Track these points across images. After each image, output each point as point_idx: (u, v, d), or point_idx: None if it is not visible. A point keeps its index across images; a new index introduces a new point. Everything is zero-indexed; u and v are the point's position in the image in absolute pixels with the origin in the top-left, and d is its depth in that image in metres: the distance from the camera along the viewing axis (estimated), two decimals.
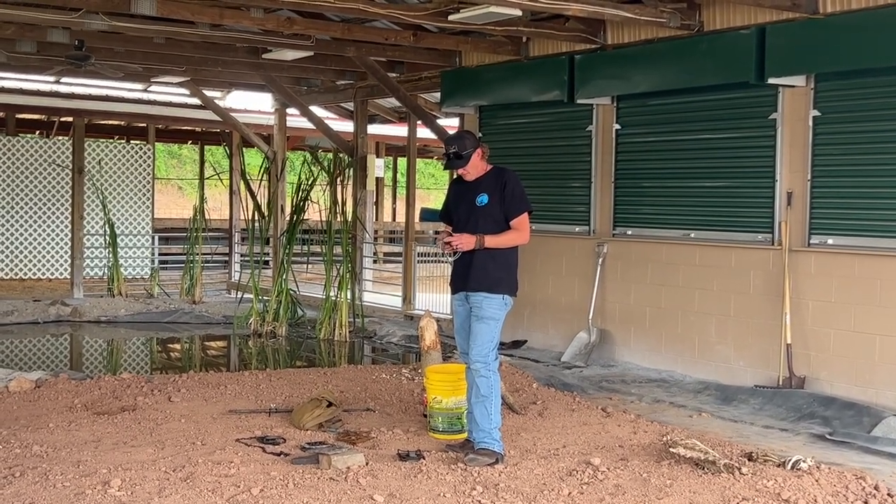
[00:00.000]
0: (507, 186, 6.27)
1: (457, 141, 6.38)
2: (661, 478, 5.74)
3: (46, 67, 12.95)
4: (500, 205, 6.25)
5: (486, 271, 6.20)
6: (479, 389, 6.15)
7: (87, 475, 5.54)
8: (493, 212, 6.25)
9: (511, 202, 6.26)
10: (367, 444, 6.45)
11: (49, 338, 13.03)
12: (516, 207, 6.27)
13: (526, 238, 6.32)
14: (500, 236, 6.22)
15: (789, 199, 8.57)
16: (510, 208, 6.26)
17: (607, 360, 10.07)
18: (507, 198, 6.25)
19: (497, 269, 6.23)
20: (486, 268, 6.20)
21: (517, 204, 6.28)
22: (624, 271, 10.09)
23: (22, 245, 16.68)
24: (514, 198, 6.27)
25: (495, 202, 6.25)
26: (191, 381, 8.51)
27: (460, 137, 6.45)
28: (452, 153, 6.31)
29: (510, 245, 6.29)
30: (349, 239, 13.04)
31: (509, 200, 6.25)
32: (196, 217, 15.90)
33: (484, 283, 6.21)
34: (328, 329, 12.49)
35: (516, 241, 6.30)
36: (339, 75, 14.24)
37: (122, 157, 17.66)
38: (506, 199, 6.25)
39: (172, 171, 37.44)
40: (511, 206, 6.26)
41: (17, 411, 7.26)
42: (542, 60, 10.83)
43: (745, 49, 8.55)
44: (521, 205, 6.29)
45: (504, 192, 6.25)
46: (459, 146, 6.30)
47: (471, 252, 6.20)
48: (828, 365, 8.24)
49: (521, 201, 6.29)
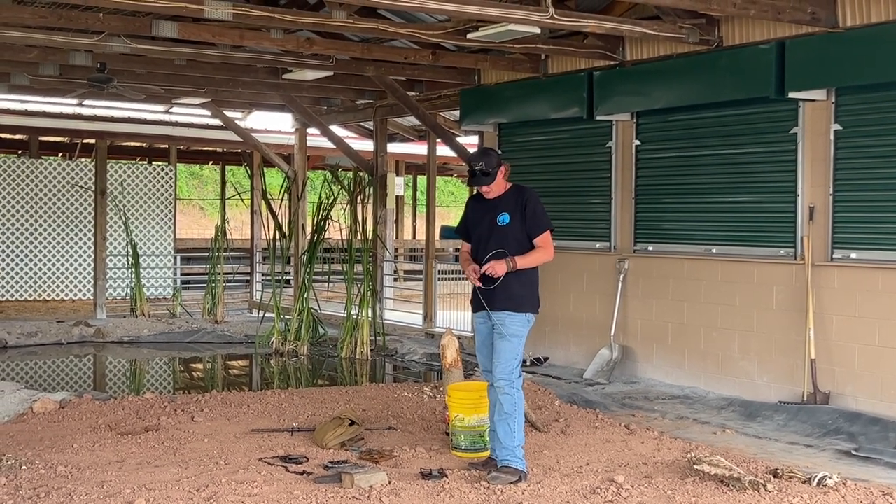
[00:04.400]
0: (528, 205, 6.26)
1: (483, 158, 6.35)
2: (685, 495, 5.71)
3: (69, 90, 13.08)
4: (521, 223, 6.24)
5: (510, 290, 6.19)
6: (502, 407, 6.14)
7: (112, 495, 5.56)
8: (515, 231, 6.24)
9: (533, 221, 6.25)
10: (390, 463, 6.44)
11: (73, 358, 13.10)
12: (539, 226, 6.27)
13: (551, 255, 6.32)
14: (527, 256, 6.21)
15: (811, 214, 8.53)
16: (532, 227, 6.26)
17: (630, 376, 10.02)
18: (529, 216, 6.25)
19: (521, 287, 6.22)
20: (510, 287, 6.19)
21: (539, 222, 6.27)
22: (645, 287, 10.06)
23: (45, 266, 16.80)
24: (536, 216, 6.26)
25: (517, 221, 6.25)
26: (213, 401, 8.54)
27: (486, 154, 6.42)
28: (479, 170, 6.28)
29: (537, 264, 6.29)
30: (370, 257, 13.06)
31: (531, 219, 6.25)
32: (218, 237, 15.97)
33: (508, 302, 6.20)
34: (350, 347, 12.50)
35: (542, 259, 6.30)
36: (358, 94, 14.31)
37: (144, 178, 17.78)
38: (527, 217, 6.25)
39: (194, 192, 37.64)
40: (533, 224, 6.26)
41: (41, 432, 7.30)
42: (561, 77, 10.84)
43: (765, 64, 8.53)
44: (542, 223, 6.29)
45: (525, 210, 6.25)
46: (487, 163, 6.28)
47: None
48: (853, 380, 8.18)
49: (542, 219, 6.30)
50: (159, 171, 18.20)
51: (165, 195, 18.01)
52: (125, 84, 12.24)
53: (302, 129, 16.30)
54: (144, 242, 17.37)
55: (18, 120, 16.61)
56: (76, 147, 20.04)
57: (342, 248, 13.28)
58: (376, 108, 14.52)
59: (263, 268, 17.42)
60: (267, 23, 9.15)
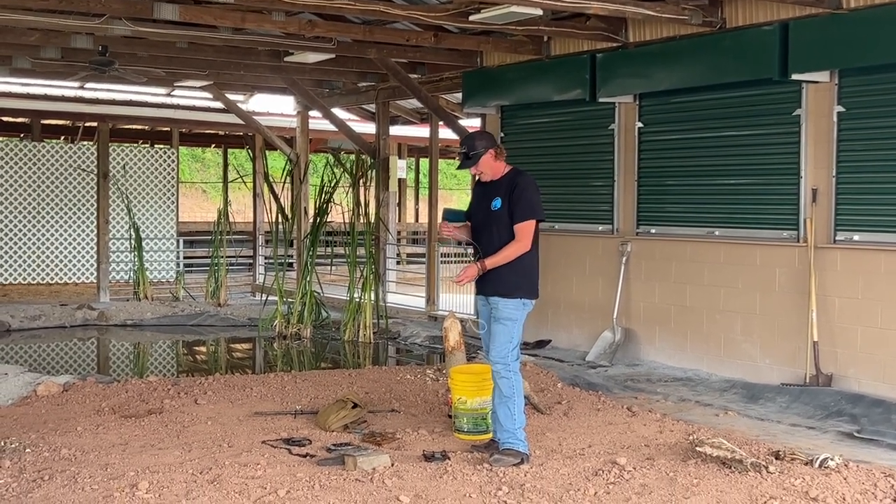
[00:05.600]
0: (515, 190, 6.15)
1: (467, 141, 6.37)
2: (687, 477, 5.72)
3: (70, 73, 13.05)
4: (508, 210, 6.16)
5: (501, 277, 6.16)
6: (501, 390, 6.15)
7: (115, 478, 5.58)
8: (504, 217, 6.17)
9: (517, 206, 6.13)
10: (393, 446, 6.46)
11: (76, 342, 13.13)
12: (520, 213, 6.13)
13: (526, 247, 6.15)
14: (498, 255, 6.11)
15: (814, 196, 8.51)
16: (516, 213, 6.14)
17: (632, 359, 10.04)
18: (514, 201, 6.14)
19: (511, 274, 6.16)
20: (499, 273, 6.16)
21: (522, 210, 6.13)
22: (648, 270, 10.06)
23: (48, 250, 16.81)
24: (521, 203, 6.13)
25: (506, 207, 6.17)
26: (217, 384, 8.56)
27: (471, 138, 6.43)
28: (462, 153, 6.31)
29: (510, 259, 6.13)
30: (372, 240, 13.06)
31: (514, 205, 6.13)
32: (220, 220, 15.97)
33: (500, 287, 6.18)
34: (352, 331, 12.52)
35: (515, 253, 6.13)
36: (360, 77, 14.27)
37: (146, 162, 17.76)
38: (512, 203, 6.15)
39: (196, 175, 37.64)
40: (517, 210, 6.14)
41: (45, 415, 7.33)
42: (564, 59, 10.81)
43: (768, 45, 8.50)
44: (526, 211, 6.14)
45: (512, 196, 6.15)
46: (469, 146, 6.28)
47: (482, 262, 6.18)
48: (855, 362, 8.19)
49: (526, 207, 6.14)
50: (161, 154, 18.18)
51: (168, 178, 17.99)
52: (127, 67, 12.22)
53: (304, 111, 16.27)
54: (147, 226, 17.37)
55: (20, 103, 16.60)
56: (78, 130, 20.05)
57: (345, 231, 13.28)
58: (378, 90, 14.48)
59: (266, 251, 17.44)
60: (268, 5, 9.13)
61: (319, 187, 13.05)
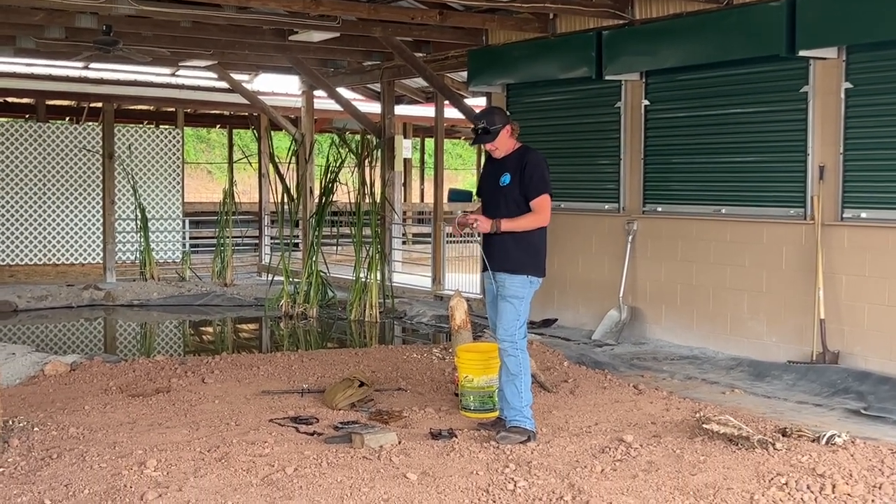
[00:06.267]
0: (527, 167, 6.14)
1: (486, 116, 6.31)
2: (694, 454, 5.73)
3: (75, 53, 13.02)
4: (520, 185, 6.16)
5: (508, 253, 6.15)
6: (508, 368, 6.15)
7: (123, 456, 5.60)
8: (514, 192, 6.16)
9: (530, 183, 6.13)
10: (400, 424, 6.47)
11: (83, 322, 13.17)
12: (535, 189, 6.14)
13: (545, 220, 6.19)
14: (516, 220, 6.12)
15: (821, 173, 8.48)
16: (529, 189, 6.13)
17: (638, 337, 10.04)
18: (526, 178, 6.13)
19: (518, 250, 6.15)
20: (506, 249, 6.14)
21: (536, 185, 6.14)
22: (654, 248, 10.04)
23: (54, 230, 16.84)
24: (533, 179, 6.13)
25: (516, 182, 6.16)
26: (224, 363, 8.58)
27: (489, 112, 6.39)
28: (481, 128, 6.23)
29: (528, 228, 6.15)
30: (378, 220, 13.05)
31: (527, 181, 6.13)
32: (226, 200, 15.97)
33: (506, 264, 6.16)
34: (358, 310, 12.53)
35: (534, 224, 6.16)
36: (365, 56, 14.23)
37: (151, 142, 17.76)
38: (524, 179, 6.13)
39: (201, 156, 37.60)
40: (530, 187, 6.13)
41: (53, 394, 7.35)
42: (570, 37, 10.76)
43: (776, 21, 8.44)
44: (539, 186, 6.14)
45: (524, 172, 6.14)
46: (488, 121, 6.22)
47: (488, 234, 6.15)
48: (862, 339, 8.17)
49: (539, 182, 6.15)
50: (166, 134, 18.17)
51: (173, 159, 17.99)
52: (131, 47, 12.18)
53: (309, 91, 16.23)
54: (153, 206, 17.38)
55: (25, 84, 16.58)
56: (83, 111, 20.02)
57: (350, 211, 13.27)
58: (383, 69, 14.44)
59: (272, 231, 17.44)
60: None
61: (325, 167, 13.03)
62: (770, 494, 4.99)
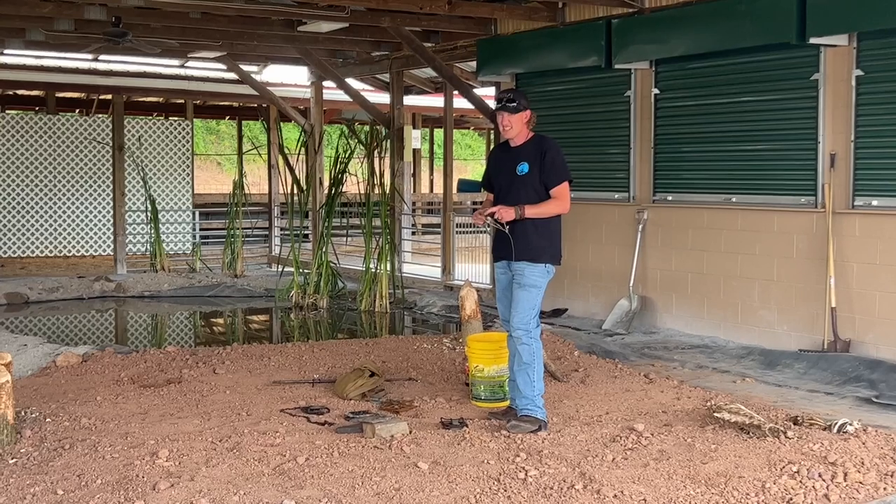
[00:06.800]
0: (546, 155, 6.19)
1: (513, 92, 6.48)
2: (705, 443, 5.72)
3: (84, 45, 13.04)
4: (539, 174, 6.19)
5: (529, 241, 6.16)
6: (521, 357, 6.15)
7: (136, 446, 5.62)
8: (533, 181, 6.19)
9: (551, 171, 6.19)
10: (411, 413, 6.48)
11: (94, 313, 13.21)
12: (556, 176, 6.20)
13: (566, 208, 6.26)
14: (540, 206, 6.16)
15: (832, 161, 8.45)
16: (550, 177, 6.19)
17: (649, 326, 10.03)
18: (547, 166, 6.18)
19: (539, 238, 6.18)
20: (528, 237, 6.16)
21: (557, 173, 6.20)
22: (665, 237, 10.02)
23: (65, 223, 16.89)
24: (555, 167, 6.19)
25: (535, 171, 6.19)
26: (235, 354, 8.60)
27: (517, 92, 6.68)
28: (507, 98, 6.28)
29: (550, 215, 6.22)
30: (388, 211, 13.05)
31: (549, 169, 6.18)
32: (236, 192, 16.00)
33: (527, 252, 6.17)
34: (369, 301, 12.54)
35: (556, 210, 6.23)
36: (374, 46, 14.21)
37: (161, 134, 17.79)
38: (545, 167, 6.18)
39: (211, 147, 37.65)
40: (551, 175, 6.19)
41: (65, 385, 7.38)
42: (579, 26, 10.73)
43: (786, 8, 8.40)
44: (561, 174, 6.21)
45: (544, 160, 6.18)
46: (515, 95, 6.33)
47: (512, 222, 6.16)
48: (873, 328, 8.15)
49: (561, 170, 6.22)
50: (176, 126, 18.20)
51: (183, 150, 18.02)
52: (140, 38, 12.18)
53: (318, 82, 16.22)
54: (163, 198, 17.43)
55: (35, 76, 16.62)
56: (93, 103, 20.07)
57: (360, 201, 13.27)
58: (392, 60, 14.42)
59: (282, 222, 17.46)
60: None
61: (334, 158, 13.03)
62: (782, 483, 4.99)
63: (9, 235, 16.40)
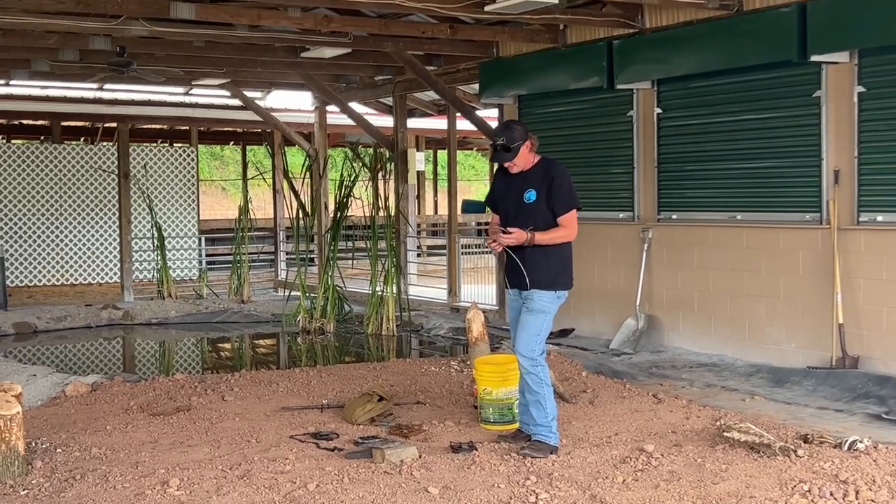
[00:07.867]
0: (554, 181, 6.09)
1: (505, 132, 6.15)
2: (716, 462, 5.72)
3: (89, 75, 13.13)
4: (546, 200, 6.10)
5: (541, 269, 6.10)
6: (530, 387, 6.10)
7: (146, 475, 5.63)
8: (541, 208, 6.10)
9: (558, 198, 6.10)
10: (420, 437, 6.47)
11: (102, 341, 13.23)
12: (565, 204, 6.11)
13: (573, 235, 6.19)
14: (548, 233, 6.08)
15: (836, 178, 8.46)
16: (557, 205, 6.11)
17: (656, 345, 10.02)
18: (555, 193, 6.09)
19: (551, 266, 6.13)
20: (540, 266, 6.10)
21: (565, 200, 6.11)
22: (670, 256, 10.03)
23: (72, 251, 16.93)
24: (562, 194, 6.10)
25: (542, 198, 6.10)
26: (243, 380, 8.60)
27: (508, 128, 6.19)
28: (500, 145, 6.12)
29: (558, 242, 6.15)
30: (393, 233, 13.08)
31: (556, 196, 6.10)
32: (241, 217, 16.03)
33: (541, 281, 6.11)
34: (375, 324, 12.55)
35: (564, 238, 6.16)
36: (377, 71, 14.28)
37: (166, 161, 17.85)
38: (553, 194, 6.09)
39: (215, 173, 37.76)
40: (558, 202, 6.10)
41: (74, 415, 7.39)
42: (580, 47, 10.78)
43: (787, 27, 8.44)
44: (569, 201, 6.13)
45: (552, 186, 6.09)
46: (508, 138, 6.09)
47: (521, 248, 6.11)
48: (881, 343, 8.14)
49: (568, 197, 6.13)
50: (181, 152, 18.27)
51: (188, 177, 18.08)
52: (145, 67, 12.27)
53: (321, 107, 16.29)
54: (169, 224, 17.47)
55: (40, 106, 16.71)
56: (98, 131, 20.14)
57: (365, 225, 13.31)
58: (395, 83, 14.49)
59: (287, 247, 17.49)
60: (284, 1, 9.14)
61: (339, 182, 13.08)
62: (793, 502, 4.98)
63: (16, 265, 16.44)
